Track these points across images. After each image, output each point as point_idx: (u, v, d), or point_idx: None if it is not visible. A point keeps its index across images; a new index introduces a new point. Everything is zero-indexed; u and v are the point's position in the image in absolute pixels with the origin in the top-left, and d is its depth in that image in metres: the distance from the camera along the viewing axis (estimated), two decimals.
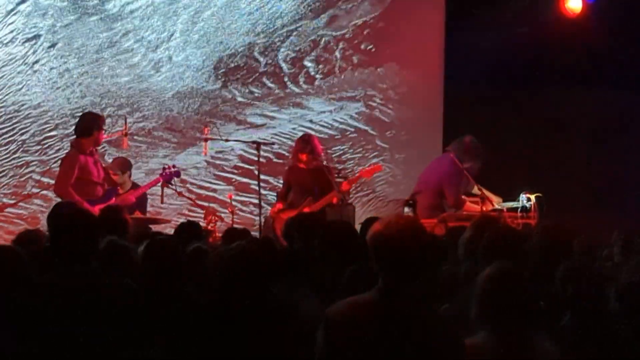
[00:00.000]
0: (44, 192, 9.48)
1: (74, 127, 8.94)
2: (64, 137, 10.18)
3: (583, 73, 11.29)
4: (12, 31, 10.33)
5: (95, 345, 4.03)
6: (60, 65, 10.52)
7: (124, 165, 9.56)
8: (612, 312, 4.14)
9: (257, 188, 9.49)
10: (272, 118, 11.45)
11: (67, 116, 10.44)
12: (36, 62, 10.43)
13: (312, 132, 10.77)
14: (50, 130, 10.42)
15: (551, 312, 4.21)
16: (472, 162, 9.54)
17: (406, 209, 9.73)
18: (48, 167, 9.65)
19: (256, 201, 9.77)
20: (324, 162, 9.57)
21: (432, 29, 12.15)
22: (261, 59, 11.42)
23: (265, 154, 10.87)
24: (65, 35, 10.51)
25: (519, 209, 9.20)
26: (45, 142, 10.40)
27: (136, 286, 4.41)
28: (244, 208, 11.04)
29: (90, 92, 10.61)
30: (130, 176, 9.54)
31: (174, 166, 9.33)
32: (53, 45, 10.46)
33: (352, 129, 11.87)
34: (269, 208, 10.32)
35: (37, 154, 10.36)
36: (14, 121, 10.36)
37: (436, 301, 4.24)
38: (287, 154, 11.03)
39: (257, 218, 9.62)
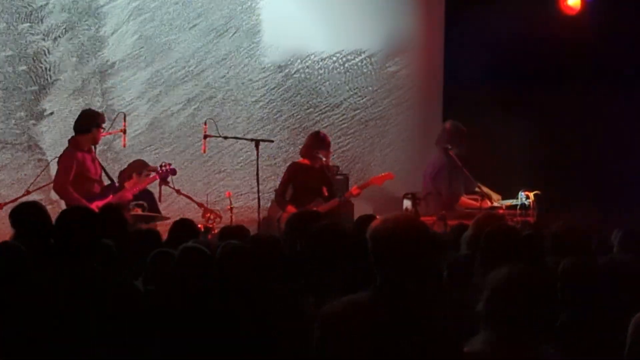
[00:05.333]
0: (44, 189, 9.46)
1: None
2: None
3: (582, 71, 11.29)
4: None
5: (93, 344, 4.02)
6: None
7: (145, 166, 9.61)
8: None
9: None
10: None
11: None
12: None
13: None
14: None
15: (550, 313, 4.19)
16: (459, 145, 9.59)
17: (406, 202, 9.73)
18: (47, 164, 9.64)
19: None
20: (324, 160, 9.51)
21: (431, 28, 12.15)
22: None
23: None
24: None
25: (518, 207, 9.23)
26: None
27: (139, 286, 4.41)
28: (243, 206, 11.03)
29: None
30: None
31: (170, 164, 9.32)
32: None
33: (351, 126, 11.88)
34: (268, 206, 10.31)
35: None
36: None
37: (437, 300, 4.21)
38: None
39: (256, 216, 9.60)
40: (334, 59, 11.82)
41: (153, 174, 9.24)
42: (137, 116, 10.76)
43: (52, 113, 10.39)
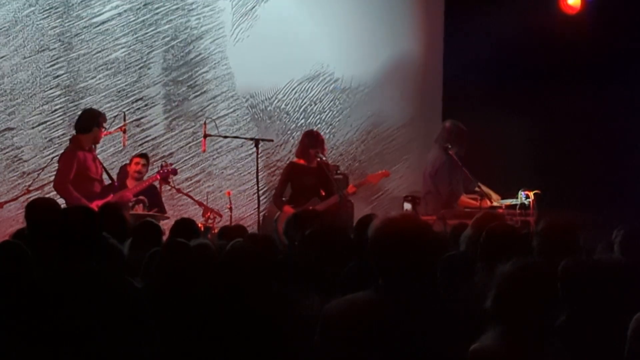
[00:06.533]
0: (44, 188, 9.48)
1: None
2: None
3: (583, 70, 11.29)
4: None
5: (94, 343, 4.02)
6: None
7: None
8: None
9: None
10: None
11: None
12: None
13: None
14: None
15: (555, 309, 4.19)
16: (458, 145, 9.58)
17: (406, 205, 9.74)
18: (47, 164, 9.66)
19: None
20: (324, 159, 9.51)
21: (431, 27, 12.15)
22: None
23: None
24: None
25: (518, 207, 9.22)
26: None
27: (139, 285, 4.41)
28: (243, 205, 11.03)
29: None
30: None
31: (170, 164, 9.35)
32: None
33: (352, 125, 11.88)
34: (268, 206, 10.32)
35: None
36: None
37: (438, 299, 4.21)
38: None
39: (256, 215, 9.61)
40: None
41: (154, 174, 9.27)
42: None
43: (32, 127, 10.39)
